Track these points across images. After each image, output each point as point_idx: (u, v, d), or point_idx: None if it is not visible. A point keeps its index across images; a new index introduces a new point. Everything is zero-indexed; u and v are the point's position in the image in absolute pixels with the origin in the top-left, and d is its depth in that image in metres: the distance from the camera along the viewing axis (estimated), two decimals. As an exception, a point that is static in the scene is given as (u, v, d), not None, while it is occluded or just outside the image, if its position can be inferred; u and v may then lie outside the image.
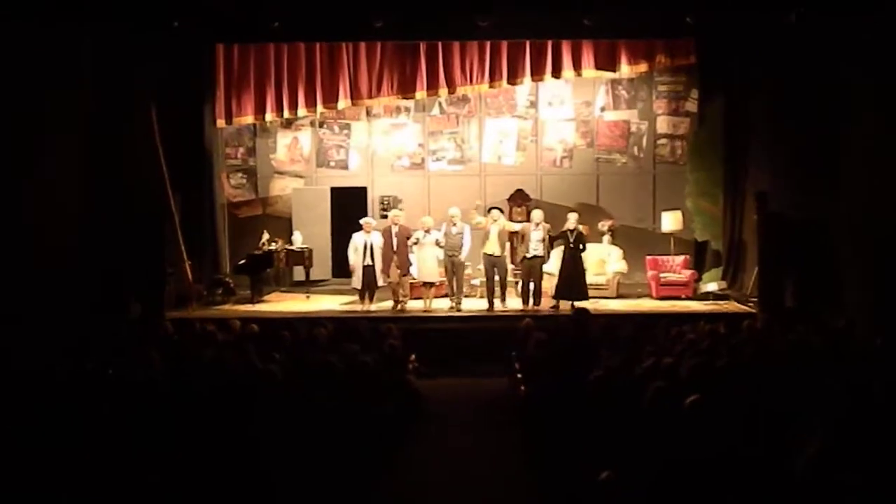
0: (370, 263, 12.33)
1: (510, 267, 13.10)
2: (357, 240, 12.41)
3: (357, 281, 12.41)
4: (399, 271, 12.41)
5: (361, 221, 12.56)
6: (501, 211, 12.75)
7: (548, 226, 12.40)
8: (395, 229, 12.46)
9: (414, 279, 12.67)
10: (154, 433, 5.19)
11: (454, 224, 12.46)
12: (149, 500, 4.52)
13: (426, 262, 12.42)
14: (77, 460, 4.78)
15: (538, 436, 6.64)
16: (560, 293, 12.28)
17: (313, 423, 5.86)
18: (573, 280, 12.25)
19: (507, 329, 10.38)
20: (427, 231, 12.42)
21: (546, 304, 12.42)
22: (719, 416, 5.11)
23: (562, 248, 12.45)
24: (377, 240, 12.42)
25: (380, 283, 12.50)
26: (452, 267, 12.41)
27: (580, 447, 5.41)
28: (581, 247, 12.30)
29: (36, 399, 5.99)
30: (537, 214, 12.44)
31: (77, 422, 5.39)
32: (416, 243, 12.42)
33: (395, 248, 12.38)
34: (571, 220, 12.45)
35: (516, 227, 12.68)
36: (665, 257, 13.77)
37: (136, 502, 4.50)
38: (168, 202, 13.26)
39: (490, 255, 12.43)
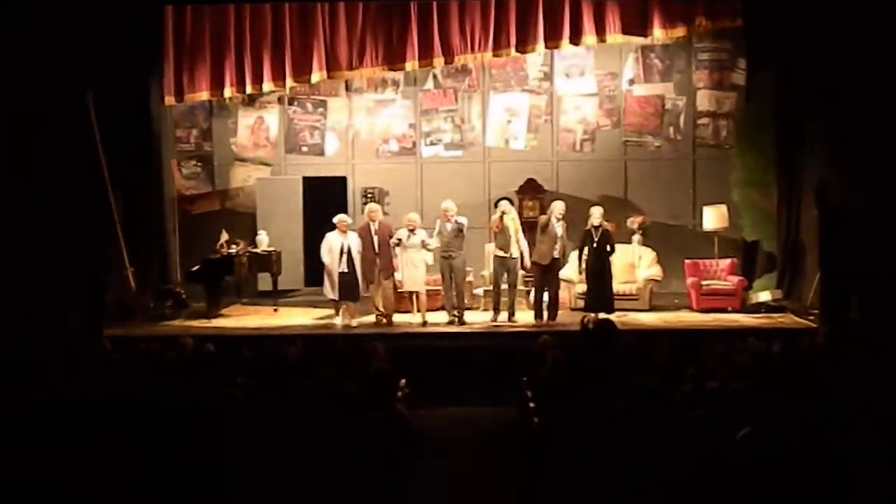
0: (347, 270, 12.34)
1: (521, 272, 13.08)
2: (332, 241, 12.40)
3: (332, 290, 12.40)
4: (382, 277, 12.41)
5: (336, 220, 12.53)
6: (511, 202, 12.69)
7: (564, 224, 12.39)
8: (374, 227, 12.46)
9: (401, 288, 12.68)
10: (69, 475, 5.16)
11: (449, 220, 12.44)
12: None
13: (410, 268, 12.42)
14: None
15: (554, 477, 6.61)
16: (592, 304, 12.32)
17: (281, 464, 5.82)
18: (600, 287, 12.29)
19: (518, 348, 10.35)
20: (412, 230, 12.42)
21: (565, 317, 12.39)
22: (773, 455, 5.09)
23: (582, 250, 12.46)
24: (355, 242, 12.43)
25: (361, 292, 12.50)
26: (451, 271, 12.39)
27: (604, 491, 5.38)
28: (609, 248, 12.31)
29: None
30: (559, 206, 12.34)
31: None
32: (398, 244, 12.42)
33: (376, 249, 12.39)
34: (596, 215, 12.44)
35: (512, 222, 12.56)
36: (708, 261, 13.74)
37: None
38: (106, 197, 13.21)
39: (499, 257, 12.42)
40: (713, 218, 14.01)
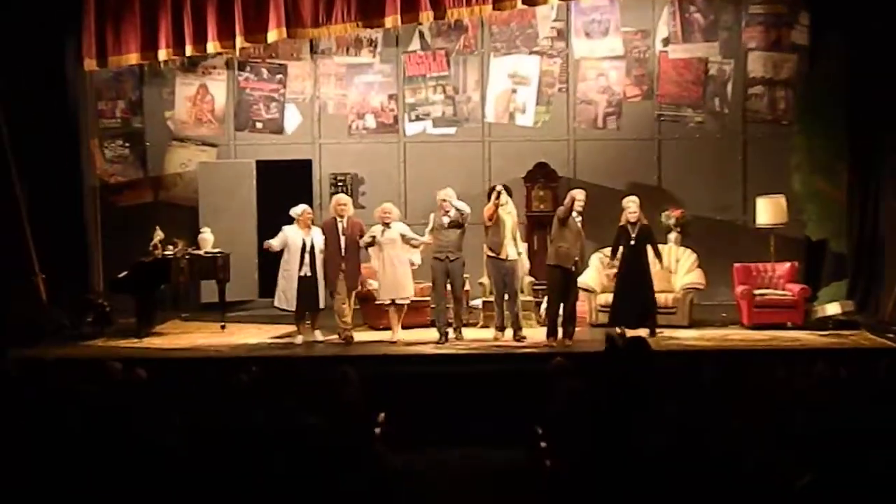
0: (310, 274, 12.36)
1: (528, 278, 13.09)
2: (291, 237, 12.40)
3: (286, 300, 12.41)
4: (347, 287, 12.44)
5: (295, 212, 12.53)
6: (509, 192, 12.70)
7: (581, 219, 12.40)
8: (342, 225, 12.48)
9: (380, 298, 12.71)
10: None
11: (447, 212, 12.44)
12: None
13: (390, 271, 12.46)
14: None
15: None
16: (619, 317, 12.36)
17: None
18: (638, 297, 12.35)
19: (526, 374, 10.36)
20: (387, 224, 12.43)
21: (584, 335, 12.41)
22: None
23: (616, 251, 12.54)
24: (320, 239, 12.46)
25: (322, 303, 12.53)
26: (446, 278, 12.41)
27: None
28: (654, 248, 12.50)
29: None
30: (580, 196, 12.32)
31: None
32: (370, 244, 12.45)
33: (342, 250, 12.42)
34: (632, 207, 12.49)
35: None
36: (762, 265, 13.78)
37: None
38: (9, 186, 13.18)
39: (491, 259, 12.46)
40: (768, 211, 14.04)
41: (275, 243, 12.35)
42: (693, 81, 15.23)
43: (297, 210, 12.51)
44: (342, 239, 12.44)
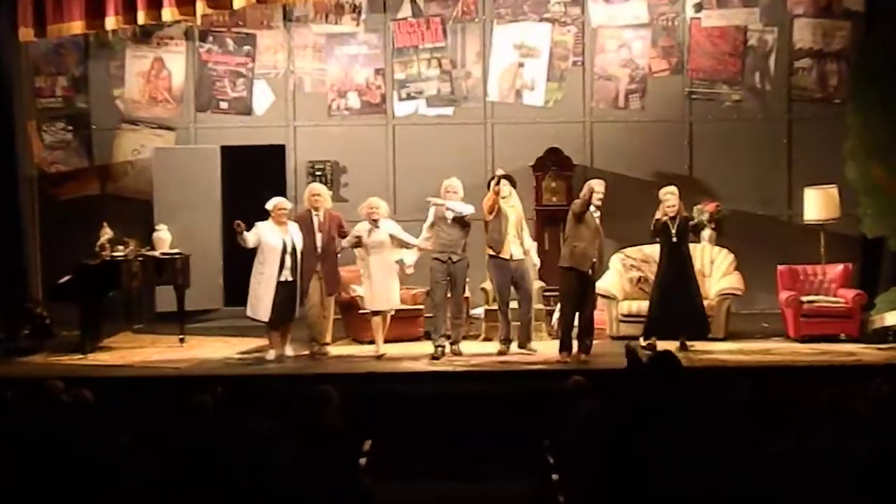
0: (291, 279, 12.37)
1: (538, 282, 13.08)
2: (266, 234, 12.37)
3: (261, 308, 12.42)
4: (325, 292, 12.49)
5: (270, 205, 12.50)
6: (513, 182, 12.69)
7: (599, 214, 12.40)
8: (318, 219, 12.52)
9: (366, 307, 12.75)
10: None
11: (448, 209, 12.43)
12: None
13: (378, 278, 12.49)
14: None
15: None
16: (657, 326, 12.43)
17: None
18: (685, 302, 12.41)
19: (537, 394, 10.35)
20: (375, 222, 12.47)
21: (605, 348, 12.40)
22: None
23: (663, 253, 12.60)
24: (300, 237, 12.48)
25: (297, 313, 12.58)
26: (449, 282, 12.45)
27: None
28: (698, 240, 12.68)
29: None
30: (598, 187, 12.30)
31: None
32: (357, 244, 12.48)
33: (318, 249, 12.46)
34: (671, 199, 12.49)
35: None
36: (810, 267, 13.76)
37: None
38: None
39: (501, 259, 12.50)
40: (818, 205, 14.03)
41: (249, 237, 12.29)
42: (730, 53, 15.23)
43: (270, 203, 12.48)
44: (318, 236, 12.45)
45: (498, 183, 12.29)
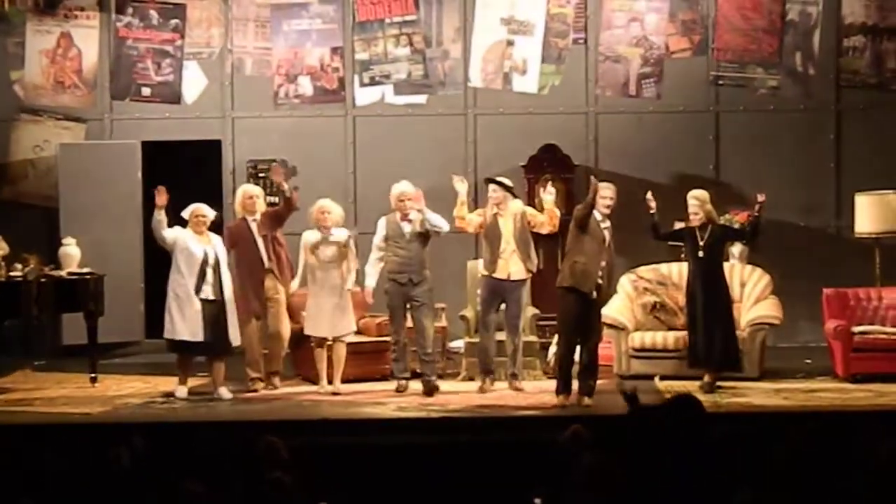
0: (217, 297, 12.47)
1: (531, 309, 13.08)
2: (184, 243, 12.48)
3: (190, 329, 12.46)
4: (283, 279, 12.78)
5: (188, 211, 12.59)
6: (511, 189, 12.74)
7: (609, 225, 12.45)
8: (255, 224, 12.78)
9: (309, 332, 12.85)
10: None
11: (408, 216, 12.57)
12: None
13: (325, 297, 12.65)
14: None
15: None
16: (701, 356, 12.55)
17: None
18: (714, 329, 12.50)
19: (525, 445, 10.34)
20: (327, 229, 12.61)
21: (611, 388, 12.42)
22: None
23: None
24: (223, 251, 12.62)
25: (234, 340, 12.63)
26: (406, 307, 12.59)
27: None
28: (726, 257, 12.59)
29: None
30: (607, 191, 12.33)
31: None
32: (314, 250, 12.62)
33: (266, 258, 12.76)
34: (693, 205, 12.55)
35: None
36: (863, 291, 13.77)
37: None
38: None
39: (495, 280, 12.60)
40: (872, 215, 14.06)
41: (167, 231, 12.45)
42: (765, 29, 15.29)
43: (188, 210, 12.60)
44: (260, 242, 12.71)
45: (490, 212, 12.46)
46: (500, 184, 12.65)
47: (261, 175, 15.08)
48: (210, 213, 12.70)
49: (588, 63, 15.36)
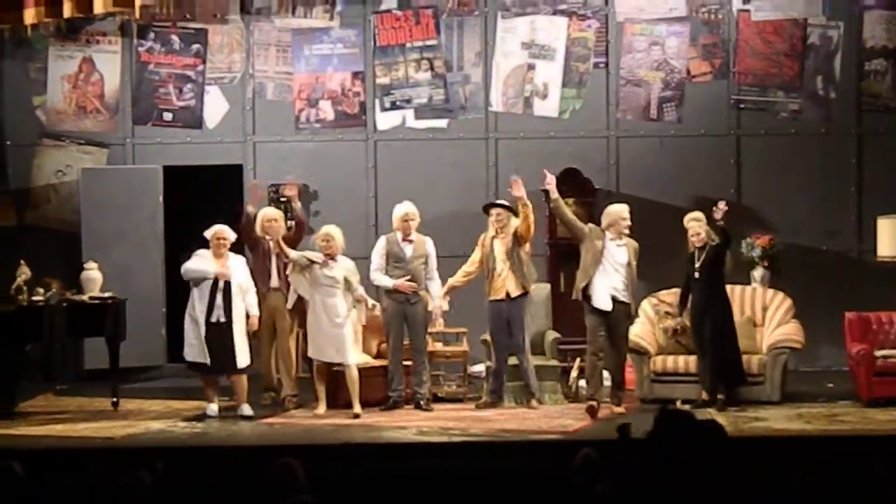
0: (224, 320, 12.66)
1: (553, 333, 13.09)
2: (203, 268, 12.68)
3: (196, 351, 12.66)
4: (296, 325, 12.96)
5: (211, 232, 12.72)
6: (511, 209, 12.83)
7: (634, 244, 12.50)
8: (271, 244, 13.04)
9: (310, 354, 12.97)
10: None
11: (409, 237, 12.81)
12: None
13: (325, 321, 12.72)
14: None
15: None
16: (705, 378, 12.65)
17: None
18: (716, 350, 12.56)
19: (538, 473, 10.32)
20: (330, 257, 12.71)
21: (634, 412, 12.43)
22: None
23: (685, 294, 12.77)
24: (242, 274, 12.84)
25: (241, 362, 12.78)
26: (403, 324, 12.85)
27: None
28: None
29: None
30: (618, 214, 12.46)
31: None
32: (305, 266, 12.69)
33: (272, 271, 13.08)
34: (692, 227, 12.65)
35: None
36: (885, 315, 13.71)
37: None
38: None
39: (495, 303, 12.79)
40: (895, 238, 14.03)
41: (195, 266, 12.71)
42: (786, 53, 15.27)
43: (209, 231, 12.76)
44: (273, 260, 13.04)
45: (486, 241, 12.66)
46: (502, 206, 12.79)
47: (281, 199, 15.06)
48: (231, 236, 12.82)
49: (609, 87, 15.35)
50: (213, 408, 12.77)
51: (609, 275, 12.45)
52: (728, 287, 13.11)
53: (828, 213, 15.15)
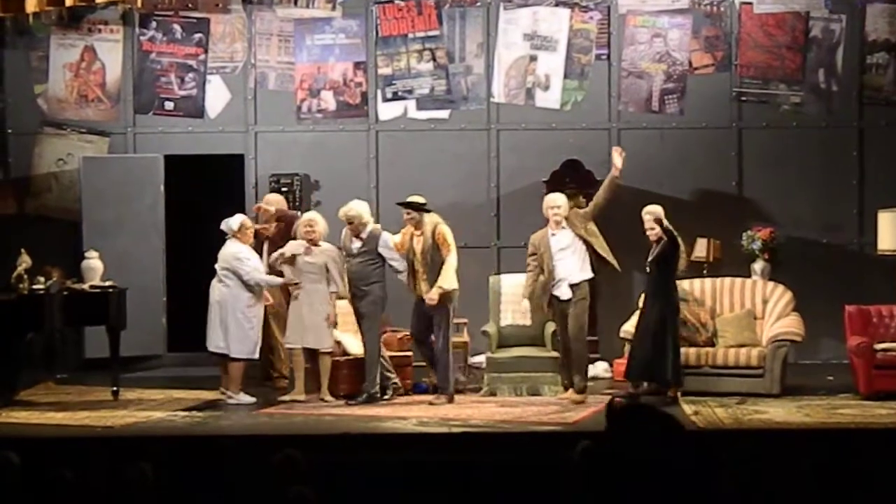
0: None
1: (551, 325, 13.12)
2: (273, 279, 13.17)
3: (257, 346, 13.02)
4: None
5: (237, 223, 12.80)
6: (419, 208, 12.87)
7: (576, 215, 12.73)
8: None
9: (286, 341, 13.15)
10: None
11: (359, 234, 12.91)
12: None
13: (304, 307, 12.93)
14: None
15: None
16: (638, 368, 12.72)
17: None
18: (649, 338, 12.62)
19: (533, 464, 10.33)
20: (313, 242, 12.88)
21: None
22: None
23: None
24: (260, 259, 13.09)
25: (236, 351, 12.95)
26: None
27: None
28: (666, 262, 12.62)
29: None
30: (546, 204, 12.66)
31: None
32: (289, 262, 12.86)
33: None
34: (646, 220, 12.69)
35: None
36: (885, 308, 13.71)
37: None
38: None
39: (418, 300, 12.96)
40: (895, 231, 14.02)
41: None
42: (788, 46, 15.26)
43: (231, 223, 12.85)
44: (265, 254, 13.32)
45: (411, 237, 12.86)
46: (409, 205, 12.87)
47: (283, 189, 15.05)
48: (251, 224, 13.12)
49: (611, 79, 15.34)
50: (244, 397, 13.04)
51: (560, 264, 12.68)
52: (728, 280, 13.14)
53: (829, 206, 15.14)
